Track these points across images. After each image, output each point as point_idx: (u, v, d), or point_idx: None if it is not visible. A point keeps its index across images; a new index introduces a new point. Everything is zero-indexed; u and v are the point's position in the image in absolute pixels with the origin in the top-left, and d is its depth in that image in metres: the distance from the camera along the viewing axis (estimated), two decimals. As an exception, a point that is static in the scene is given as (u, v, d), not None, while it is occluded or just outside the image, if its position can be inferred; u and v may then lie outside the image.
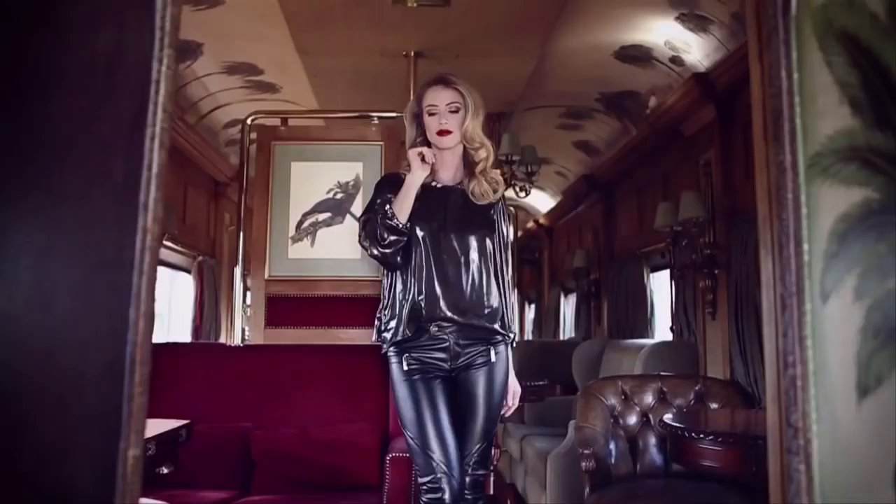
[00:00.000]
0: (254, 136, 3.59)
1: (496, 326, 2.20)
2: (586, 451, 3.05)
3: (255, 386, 3.08)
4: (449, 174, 2.29)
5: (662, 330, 5.05)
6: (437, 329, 2.15)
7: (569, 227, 7.51)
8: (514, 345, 2.30)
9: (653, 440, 3.25)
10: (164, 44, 0.90)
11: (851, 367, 0.80)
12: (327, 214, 3.41)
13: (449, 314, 2.14)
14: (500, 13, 3.68)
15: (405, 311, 2.16)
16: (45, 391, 0.70)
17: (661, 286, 5.15)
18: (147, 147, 0.87)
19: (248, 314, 3.48)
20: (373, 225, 2.18)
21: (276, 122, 3.60)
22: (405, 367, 2.14)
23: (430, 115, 2.21)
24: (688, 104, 3.94)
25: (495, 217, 2.27)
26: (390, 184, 2.25)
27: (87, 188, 0.76)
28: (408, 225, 2.17)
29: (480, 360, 2.17)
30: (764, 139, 0.98)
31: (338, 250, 3.36)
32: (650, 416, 3.28)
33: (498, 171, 2.33)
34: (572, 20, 3.81)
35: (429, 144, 2.25)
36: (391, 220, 2.15)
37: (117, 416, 0.82)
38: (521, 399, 2.33)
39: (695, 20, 3.58)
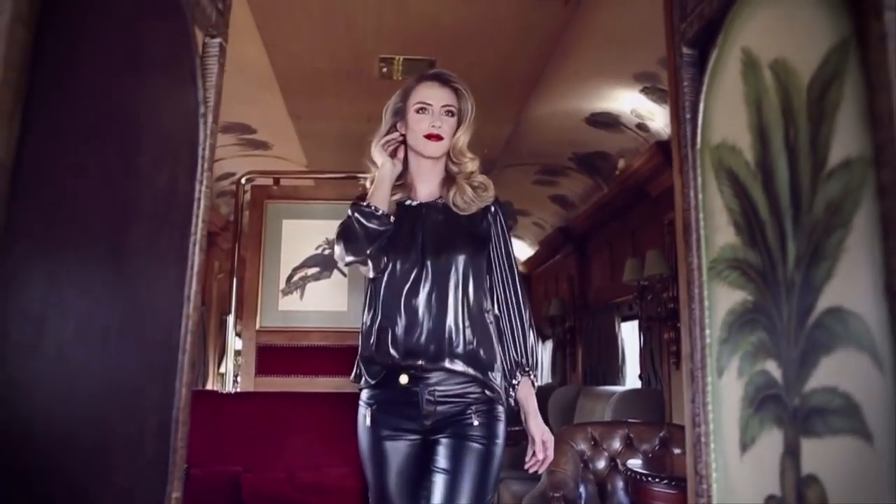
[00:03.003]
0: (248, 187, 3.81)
1: (488, 376, 1.74)
2: (556, 495, 3.25)
3: (246, 431, 3.25)
4: (428, 189, 1.88)
5: (633, 377, 5.27)
6: (407, 380, 1.72)
7: (546, 276, 7.76)
8: (536, 381, 1.90)
9: (620, 483, 3.45)
10: (204, 168, 1.15)
11: (736, 429, 1.03)
12: (316, 269, 3.62)
13: (420, 361, 1.71)
14: (480, 85, 3.91)
15: (372, 353, 1.76)
16: (117, 447, 0.92)
17: (631, 335, 5.39)
18: (191, 251, 1.11)
19: (239, 362, 3.67)
20: (345, 223, 1.79)
21: (268, 180, 3.83)
22: (367, 423, 1.77)
23: (420, 111, 1.81)
24: (652, 168, 4.23)
25: (488, 226, 1.84)
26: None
27: (150, 289, 0.99)
28: (390, 216, 1.77)
29: (464, 432, 1.71)
30: (683, 240, 1.23)
31: (325, 303, 3.57)
32: (618, 460, 3.48)
33: (485, 175, 1.89)
34: (547, 90, 4.12)
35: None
36: (367, 208, 1.75)
37: (165, 465, 1.04)
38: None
39: (657, 93, 3.89)
